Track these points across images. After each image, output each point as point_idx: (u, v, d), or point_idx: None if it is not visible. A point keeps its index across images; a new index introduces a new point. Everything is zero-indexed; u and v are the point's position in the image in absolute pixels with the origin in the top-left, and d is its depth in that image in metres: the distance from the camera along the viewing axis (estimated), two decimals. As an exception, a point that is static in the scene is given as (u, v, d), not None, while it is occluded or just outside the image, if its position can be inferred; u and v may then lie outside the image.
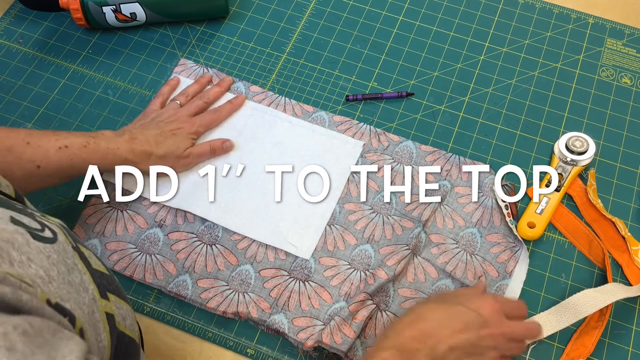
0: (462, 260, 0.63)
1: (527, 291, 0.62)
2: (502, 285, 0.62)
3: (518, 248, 0.64)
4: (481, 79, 0.76)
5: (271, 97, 0.74)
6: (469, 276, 0.62)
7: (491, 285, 0.62)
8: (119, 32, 0.80)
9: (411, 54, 0.78)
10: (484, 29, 0.80)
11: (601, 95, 0.75)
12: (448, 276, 0.63)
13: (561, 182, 0.66)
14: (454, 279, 0.62)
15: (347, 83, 0.76)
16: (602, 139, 0.71)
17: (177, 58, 0.78)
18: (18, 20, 0.82)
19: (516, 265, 0.63)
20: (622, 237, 0.65)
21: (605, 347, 0.60)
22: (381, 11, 0.82)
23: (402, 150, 0.70)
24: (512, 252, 0.64)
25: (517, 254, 0.64)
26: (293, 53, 0.78)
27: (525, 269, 0.63)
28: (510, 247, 0.64)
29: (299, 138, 0.71)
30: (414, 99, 0.75)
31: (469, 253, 0.64)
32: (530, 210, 0.65)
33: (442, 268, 0.63)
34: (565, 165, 0.67)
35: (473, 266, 0.63)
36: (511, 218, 0.65)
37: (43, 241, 0.35)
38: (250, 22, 0.81)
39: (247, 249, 0.64)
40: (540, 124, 0.73)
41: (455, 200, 0.67)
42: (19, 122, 0.73)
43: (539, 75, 0.76)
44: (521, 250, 0.64)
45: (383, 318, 0.60)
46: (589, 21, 0.80)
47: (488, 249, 0.64)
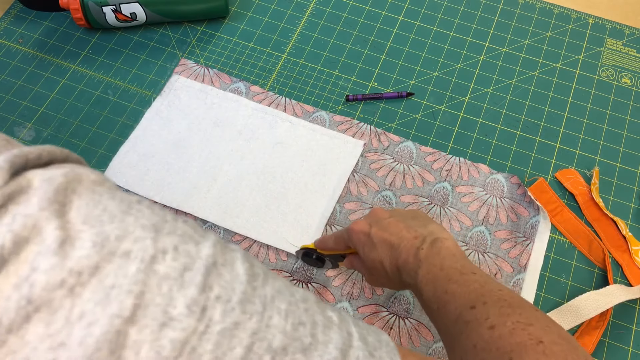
0: (475, 260, 0.63)
1: (528, 291, 0.63)
2: (518, 279, 0.62)
3: (529, 241, 0.64)
4: (481, 79, 0.76)
5: (271, 97, 0.74)
6: None
7: (507, 281, 0.62)
8: (119, 32, 0.80)
9: (411, 54, 0.78)
10: (484, 29, 0.80)
11: (601, 95, 0.75)
12: None
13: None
14: None
15: (347, 83, 0.76)
16: (602, 139, 0.71)
17: (177, 58, 0.78)
18: (18, 20, 0.82)
19: (529, 258, 0.63)
20: (623, 236, 0.65)
21: (606, 347, 0.60)
22: (381, 11, 0.82)
23: (402, 150, 0.70)
24: (524, 247, 0.64)
25: (529, 247, 0.64)
26: (293, 53, 0.78)
27: (541, 255, 0.63)
28: (521, 241, 0.64)
29: (300, 138, 0.71)
30: (414, 99, 0.75)
31: (480, 252, 0.64)
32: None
33: None
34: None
35: (487, 265, 0.63)
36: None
37: None
38: (250, 22, 0.81)
39: (248, 249, 0.64)
40: (541, 124, 0.73)
41: (458, 200, 0.67)
42: (19, 122, 0.73)
43: (539, 75, 0.76)
44: (536, 231, 0.64)
45: (407, 326, 0.60)
46: (589, 21, 0.80)
47: (499, 246, 0.64)
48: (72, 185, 0.22)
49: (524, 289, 0.62)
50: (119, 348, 0.20)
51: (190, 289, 0.22)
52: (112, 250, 0.21)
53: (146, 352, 0.20)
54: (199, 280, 0.22)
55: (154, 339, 0.20)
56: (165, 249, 0.22)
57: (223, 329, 0.22)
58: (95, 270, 0.20)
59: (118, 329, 0.20)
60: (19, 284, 0.19)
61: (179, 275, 0.22)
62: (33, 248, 0.20)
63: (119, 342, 0.20)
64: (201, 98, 0.74)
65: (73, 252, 0.20)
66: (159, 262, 0.22)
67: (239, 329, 0.22)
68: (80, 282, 0.20)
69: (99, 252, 0.21)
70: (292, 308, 0.25)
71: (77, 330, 0.20)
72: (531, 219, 0.65)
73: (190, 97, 0.74)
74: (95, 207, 0.22)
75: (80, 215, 0.21)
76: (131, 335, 0.20)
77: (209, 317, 0.22)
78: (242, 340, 0.22)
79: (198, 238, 0.24)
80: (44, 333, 0.20)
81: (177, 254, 0.22)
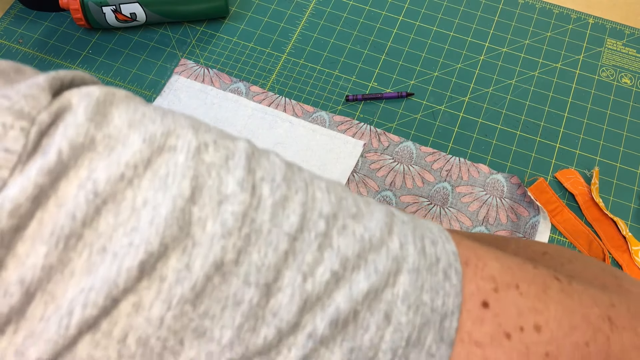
0: None
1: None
2: None
3: None
4: (481, 79, 0.76)
5: (271, 97, 0.74)
6: None
7: None
8: (119, 32, 0.80)
9: (411, 54, 0.78)
10: (484, 29, 0.80)
11: (601, 95, 0.75)
12: None
13: None
14: None
15: (347, 83, 0.76)
16: (602, 139, 0.71)
17: (177, 58, 0.78)
18: (18, 20, 0.82)
19: None
20: (623, 237, 0.65)
21: (606, 347, 0.60)
22: (381, 11, 0.82)
23: (402, 150, 0.70)
24: None
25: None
26: (293, 53, 0.78)
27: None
28: None
29: (300, 138, 0.71)
30: (414, 99, 0.75)
31: None
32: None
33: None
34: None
35: None
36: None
37: None
38: (250, 22, 0.81)
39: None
40: (541, 124, 0.73)
41: (458, 200, 0.67)
42: (19, 123, 0.73)
43: (539, 75, 0.76)
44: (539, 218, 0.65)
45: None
46: (589, 21, 0.80)
47: None
48: (109, 98, 0.24)
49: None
50: (186, 225, 0.21)
51: (237, 171, 0.24)
52: (160, 145, 0.23)
53: (211, 226, 0.22)
54: (242, 165, 0.24)
55: (215, 214, 0.22)
56: (207, 142, 0.24)
57: (274, 202, 0.24)
58: (149, 163, 0.22)
59: (182, 207, 0.22)
60: (82, 183, 0.21)
61: (224, 163, 0.24)
62: (88, 154, 0.22)
63: (186, 220, 0.22)
64: (201, 98, 0.74)
65: (126, 150, 0.22)
66: (203, 152, 0.23)
67: (289, 201, 0.24)
68: (137, 174, 0.22)
69: (149, 147, 0.22)
70: (330, 186, 0.26)
71: (144, 214, 0.21)
72: (531, 219, 0.65)
73: (190, 97, 0.74)
74: (135, 113, 0.23)
75: (124, 121, 0.23)
76: (195, 213, 0.22)
77: (259, 193, 0.23)
78: (295, 210, 0.24)
79: (232, 136, 0.26)
80: (114, 223, 0.21)
81: (218, 146, 0.24)
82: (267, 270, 0.22)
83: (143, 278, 0.21)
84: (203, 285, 0.21)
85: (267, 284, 0.22)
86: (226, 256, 0.22)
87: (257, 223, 0.23)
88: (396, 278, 0.24)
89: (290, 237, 0.23)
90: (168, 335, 0.21)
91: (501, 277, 0.27)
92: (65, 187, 0.21)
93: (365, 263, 0.24)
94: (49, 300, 0.20)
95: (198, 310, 0.21)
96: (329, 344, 0.23)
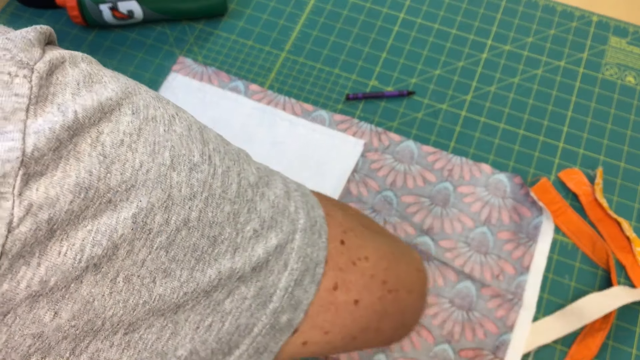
0: (477, 261, 0.63)
1: (531, 293, 0.62)
2: (521, 281, 0.61)
3: (532, 242, 0.63)
4: (483, 78, 0.75)
5: (270, 95, 0.73)
6: (487, 276, 0.62)
7: (510, 283, 0.61)
8: (116, 30, 0.79)
9: (412, 52, 0.77)
10: (487, 26, 0.79)
11: (605, 93, 0.74)
12: (467, 277, 0.62)
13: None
14: (473, 280, 0.62)
15: (348, 82, 0.75)
16: (606, 138, 0.71)
17: (175, 56, 0.77)
18: (14, 18, 0.81)
19: (532, 259, 0.62)
20: (627, 237, 0.64)
21: (609, 350, 0.59)
22: (382, 9, 0.81)
23: (403, 150, 0.69)
24: (526, 248, 0.63)
25: (532, 248, 0.63)
26: (292, 51, 0.77)
27: (544, 257, 0.63)
28: (524, 242, 0.63)
29: (299, 137, 0.70)
30: (415, 97, 0.74)
31: (483, 253, 0.63)
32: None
33: (460, 270, 0.62)
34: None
35: (489, 266, 0.62)
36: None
37: None
38: (249, 20, 0.80)
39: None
40: (544, 122, 0.72)
41: (460, 200, 0.66)
42: (15, 122, 0.72)
43: (542, 73, 0.75)
44: (539, 232, 0.63)
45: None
46: (592, 19, 0.79)
47: (501, 247, 0.63)
48: (92, 62, 0.28)
49: (527, 290, 0.61)
50: (167, 188, 0.26)
51: (197, 143, 0.29)
52: (145, 116, 0.27)
53: (184, 190, 0.27)
54: (199, 137, 0.29)
55: (187, 180, 0.27)
56: (173, 115, 0.29)
57: (223, 171, 0.30)
58: (140, 132, 0.26)
59: (164, 174, 0.27)
60: (93, 143, 0.25)
61: (188, 133, 0.29)
62: (101, 123, 0.26)
63: (167, 183, 0.27)
64: (199, 97, 0.73)
65: (123, 118, 0.26)
66: (174, 124, 0.29)
67: (231, 171, 0.30)
68: (133, 140, 0.26)
69: (137, 118, 0.27)
70: (248, 157, 0.34)
71: (140, 175, 0.26)
72: (534, 220, 0.64)
73: (188, 95, 0.73)
74: (118, 81, 0.28)
75: (115, 89, 0.27)
76: (173, 178, 0.27)
77: (214, 163, 0.29)
78: (234, 179, 0.30)
79: (171, 103, 0.31)
80: (120, 180, 0.25)
81: (180, 118, 0.29)
82: (216, 226, 0.28)
83: (136, 229, 0.25)
84: (175, 236, 0.27)
85: (214, 236, 0.28)
86: (191, 214, 0.27)
87: (213, 188, 0.29)
88: (294, 236, 0.32)
89: (231, 202, 0.29)
90: (145, 274, 0.26)
91: (346, 223, 0.37)
92: (81, 144, 0.24)
93: (275, 223, 0.31)
94: (64, 238, 0.24)
95: (169, 255, 0.26)
96: (247, 282, 0.30)
